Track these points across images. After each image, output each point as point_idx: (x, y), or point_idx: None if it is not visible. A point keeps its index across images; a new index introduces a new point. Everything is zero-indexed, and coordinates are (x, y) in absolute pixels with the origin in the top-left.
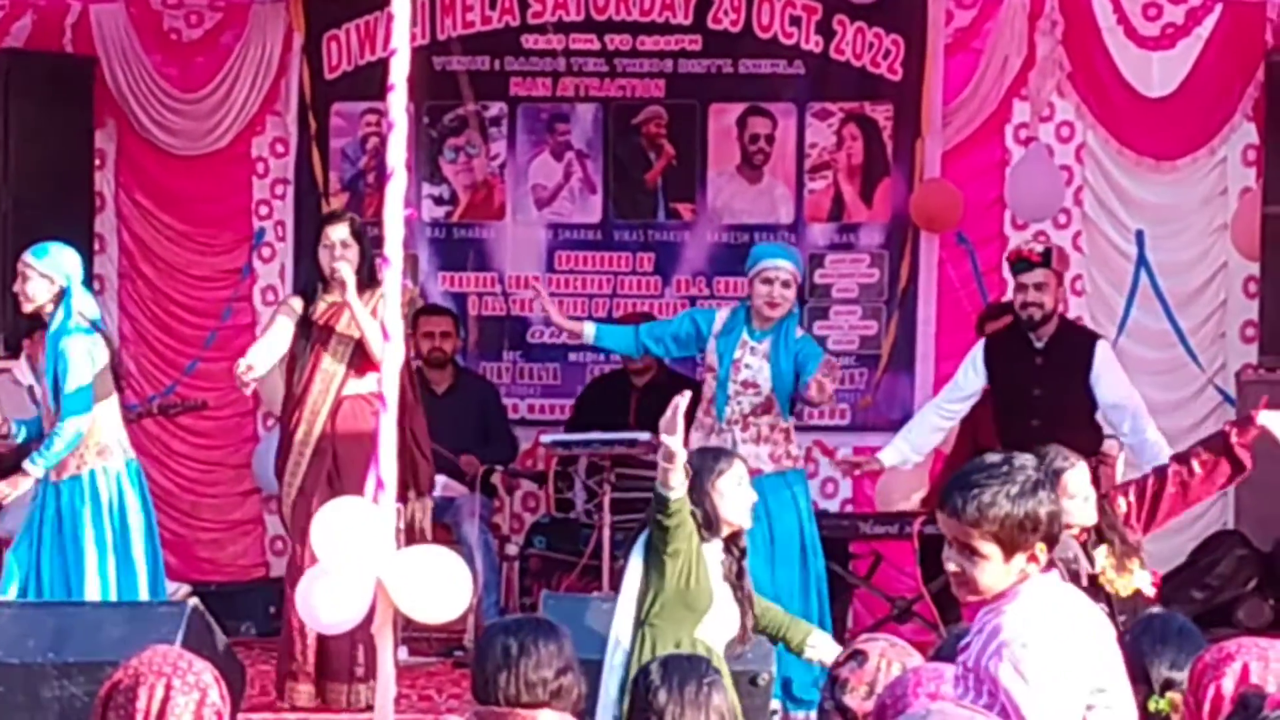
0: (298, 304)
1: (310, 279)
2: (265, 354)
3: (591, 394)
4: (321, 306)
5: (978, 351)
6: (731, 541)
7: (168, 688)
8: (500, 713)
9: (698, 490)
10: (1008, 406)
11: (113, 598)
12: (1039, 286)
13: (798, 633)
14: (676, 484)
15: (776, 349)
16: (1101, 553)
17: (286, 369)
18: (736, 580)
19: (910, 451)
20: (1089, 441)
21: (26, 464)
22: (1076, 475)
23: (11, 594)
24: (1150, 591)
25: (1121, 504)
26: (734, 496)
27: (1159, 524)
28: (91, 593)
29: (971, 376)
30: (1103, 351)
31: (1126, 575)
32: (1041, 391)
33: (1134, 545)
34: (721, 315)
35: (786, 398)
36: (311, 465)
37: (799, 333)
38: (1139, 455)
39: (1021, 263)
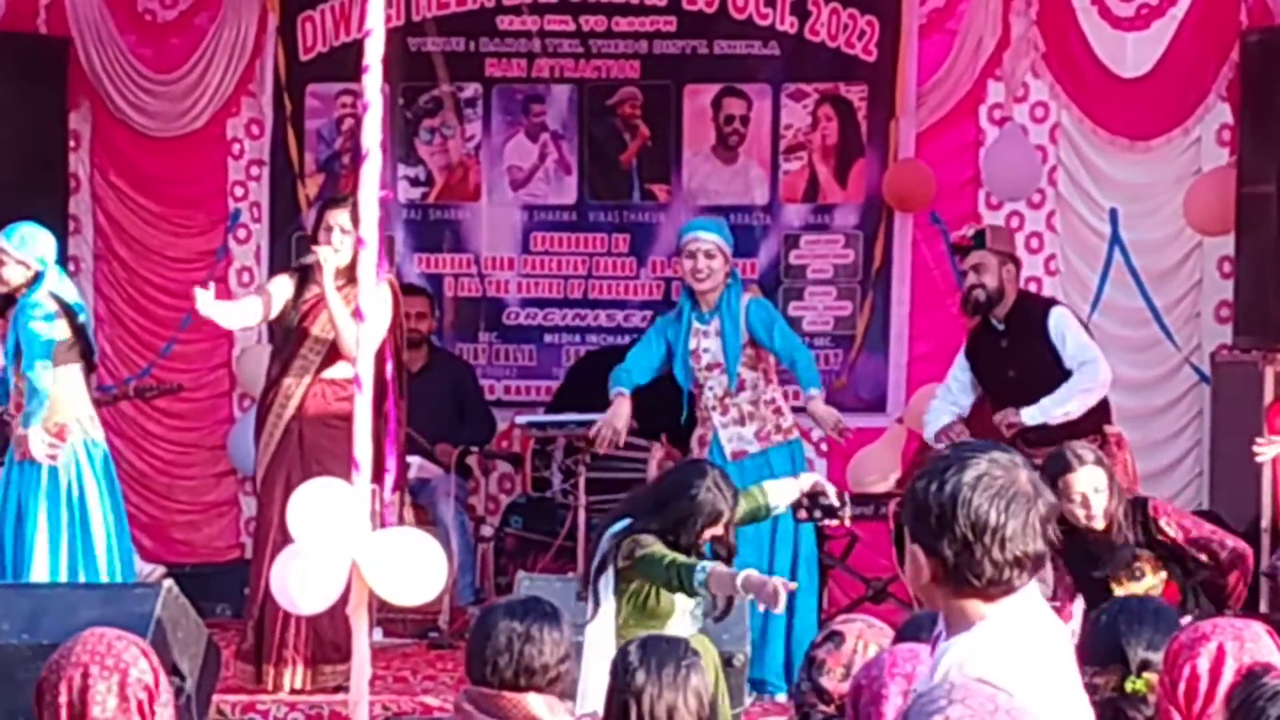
0: (289, 288)
1: (300, 265)
2: (230, 308)
3: (580, 374)
4: (308, 295)
5: (963, 351)
6: (719, 541)
7: (85, 675)
8: (490, 695)
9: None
10: (991, 393)
11: (62, 579)
12: (977, 268)
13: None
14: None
15: (724, 323)
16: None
17: (272, 352)
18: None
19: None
20: (1086, 420)
21: (21, 426)
22: (1081, 477)
23: None
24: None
25: (1171, 529)
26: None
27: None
28: (38, 575)
29: (959, 373)
30: (1055, 318)
31: (1132, 584)
32: (1015, 372)
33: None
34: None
35: (735, 366)
36: (280, 445)
37: (745, 299)
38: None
39: (959, 248)
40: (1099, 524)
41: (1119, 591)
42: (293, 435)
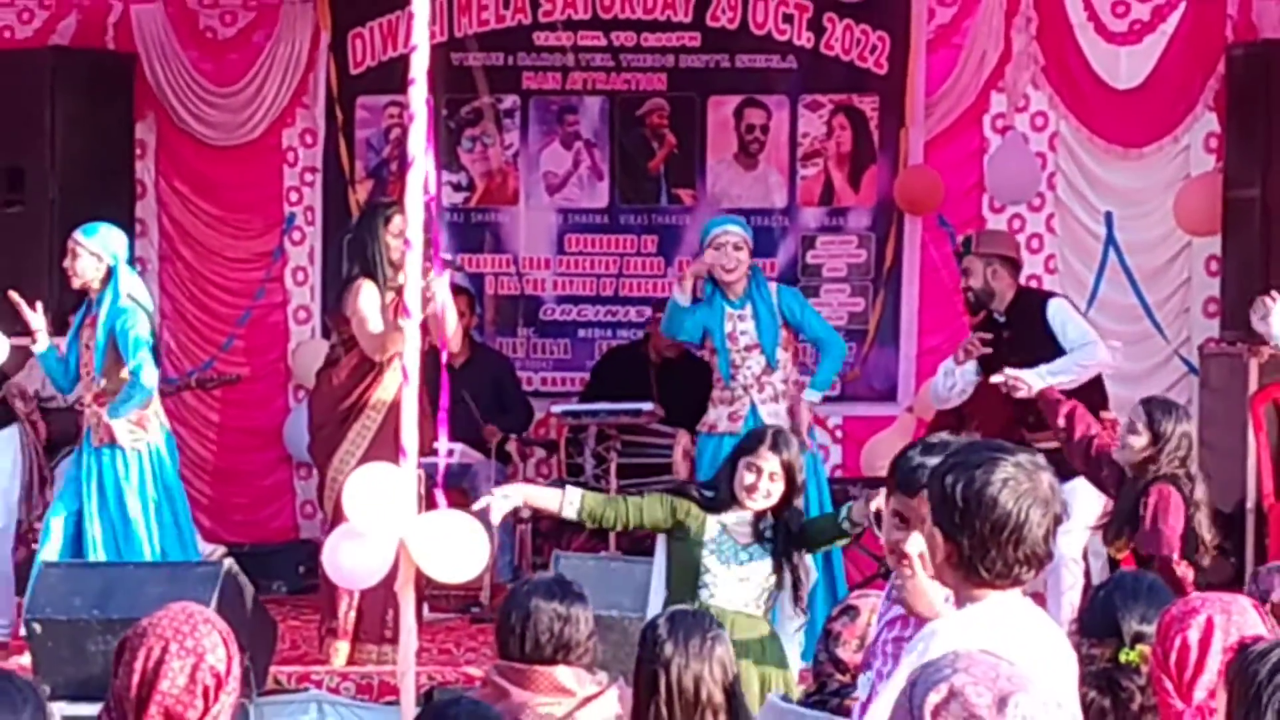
0: (375, 294)
1: (371, 263)
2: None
3: (608, 366)
4: (389, 297)
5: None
6: (776, 513)
7: (164, 650)
8: (521, 669)
9: (728, 461)
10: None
11: (159, 557)
12: (965, 273)
13: (830, 520)
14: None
15: (756, 307)
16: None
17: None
18: (782, 553)
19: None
20: (1090, 407)
21: (107, 416)
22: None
23: (52, 554)
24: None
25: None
26: (744, 480)
27: None
28: (138, 554)
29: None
30: (1054, 308)
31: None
32: (1016, 360)
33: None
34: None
35: (774, 347)
36: (374, 442)
37: (772, 287)
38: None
39: (957, 255)
40: None
41: None
42: (386, 437)
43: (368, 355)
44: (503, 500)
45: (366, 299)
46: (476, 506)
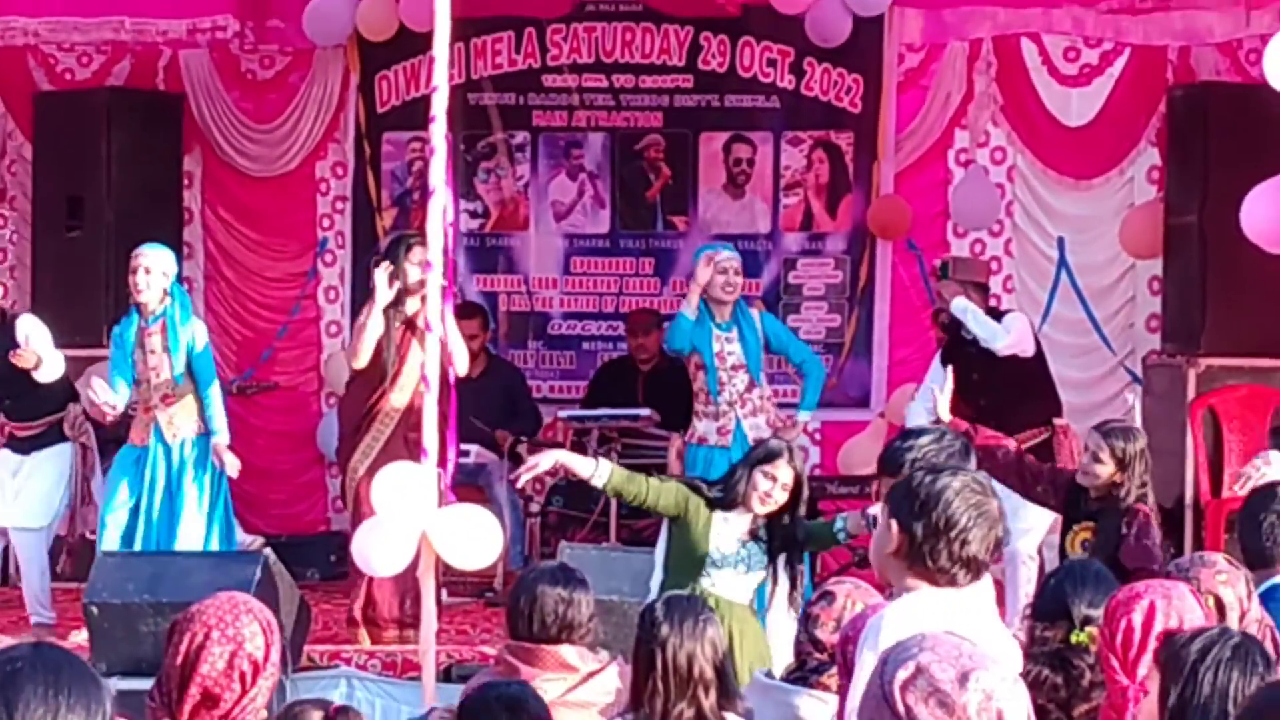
0: (381, 317)
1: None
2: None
3: (604, 376)
4: (407, 311)
5: (937, 357)
6: (777, 517)
7: (206, 635)
8: (530, 648)
9: (742, 466)
10: (960, 392)
11: (213, 545)
12: (940, 295)
13: (827, 529)
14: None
15: (742, 330)
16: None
17: (374, 354)
18: (779, 553)
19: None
20: (1039, 413)
21: (217, 441)
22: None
23: (110, 544)
24: None
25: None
26: (760, 486)
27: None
28: (191, 542)
29: (938, 376)
30: (1007, 318)
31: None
32: (979, 375)
33: None
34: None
35: (759, 367)
36: (386, 445)
37: (754, 312)
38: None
39: (932, 277)
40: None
41: None
42: (397, 441)
43: (377, 369)
44: (539, 459)
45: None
46: (515, 477)
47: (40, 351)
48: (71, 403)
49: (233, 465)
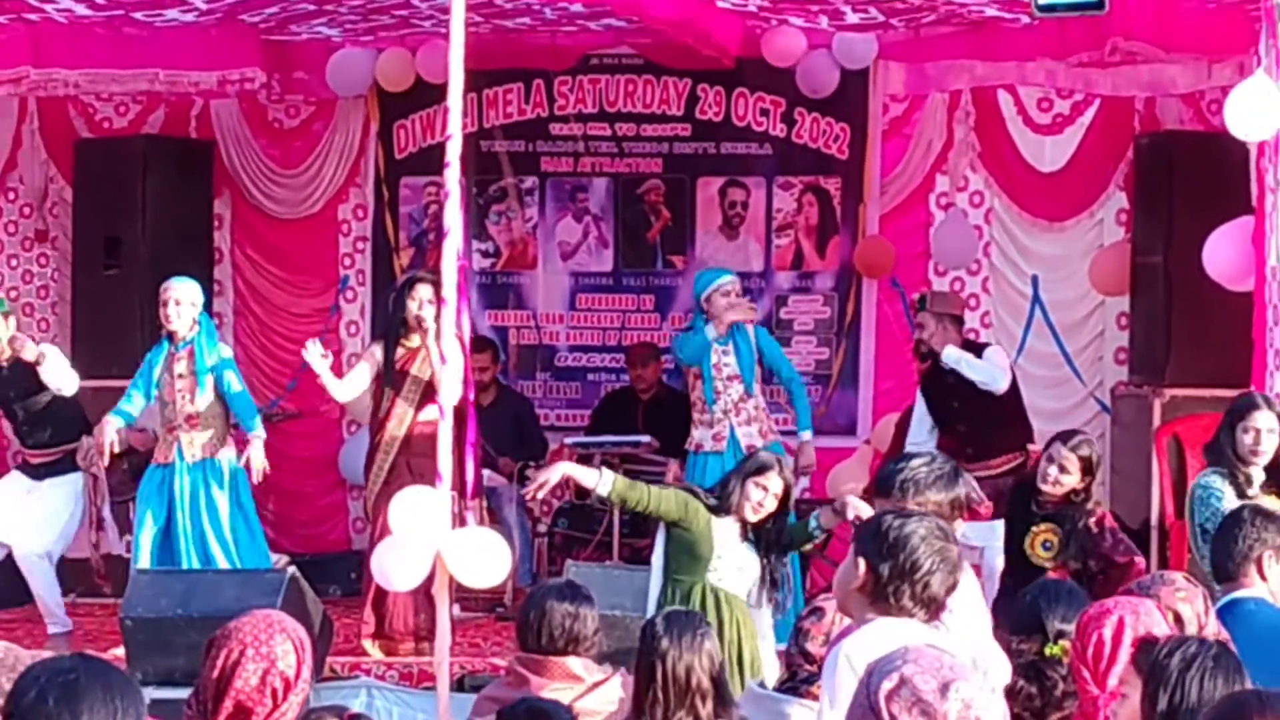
0: (378, 352)
1: (392, 322)
2: (341, 383)
3: (606, 405)
4: (400, 352)
5: (919, 387)
6: (763, 522)
7: (241, 652)
8: (539, 659)
9: (736, 476)
10: (939, 419)
11: (237, 563)
12: (920, 326)
13: (804, 527)
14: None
15: (737, 344)
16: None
17: (374, 397)
18: (765, 556)
19: None
20: (1015, 439)
21: (254, 435)
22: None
23: (143, 563)
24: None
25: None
26: (752, 496)
27: None
28: (221, 558)
29: (923, 411)
30: (989, 353)
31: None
32: (959, 403)
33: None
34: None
35: (752, 378)
36: (390, 472)
37: (750, 327)
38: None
39: (912, 310)
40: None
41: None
42: (401, 465)
43: (377, 405)
44: (548, 474)
45: (364, 357)
46: (526, 493)
47: (54, 365)
48: (85, 435)
49: (259, 466)
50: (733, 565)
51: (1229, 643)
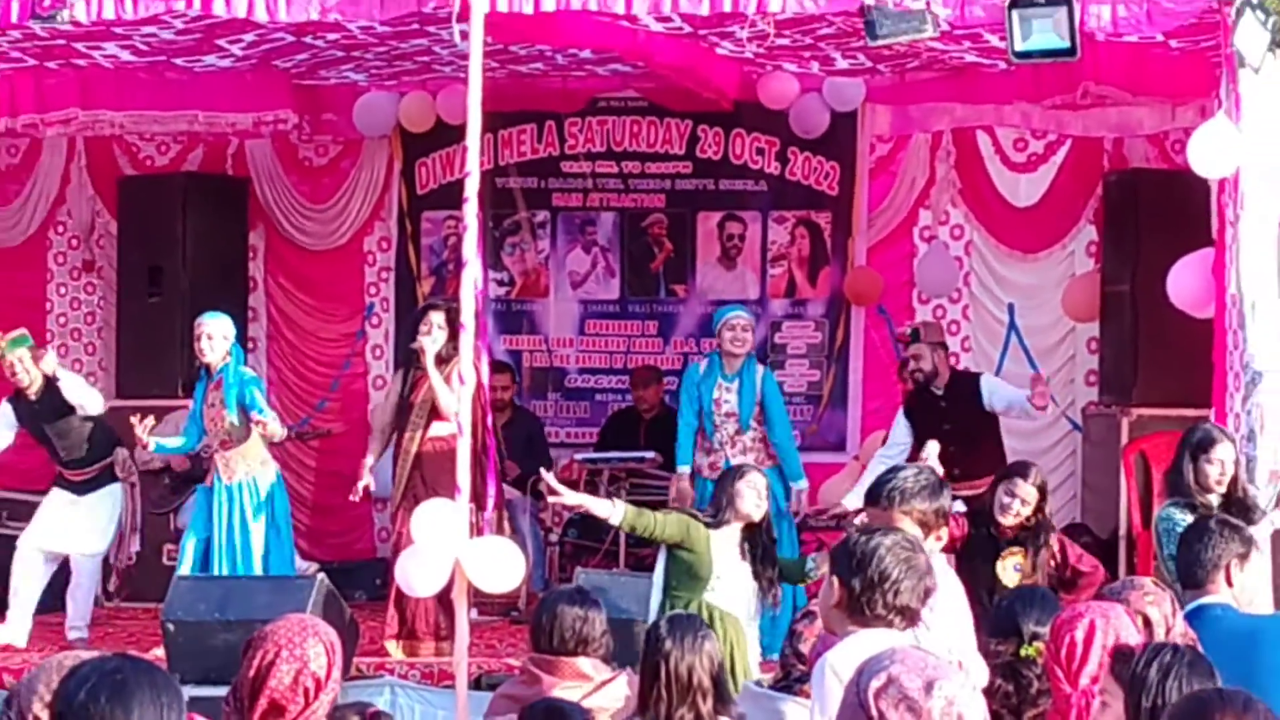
0: (398, 382)
1: (408, 350)
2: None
3: (612, 424)
4: (414, 375)
5: (900, 414)
6: (753, 531)
7: (275, 654)
8: (550, 660)
9: (725, 486)
10: (929, 440)
11: (268, 571)
12: (915, 356)
13: (799, 565)
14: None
15: (743, 384)
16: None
17: (394, 420)
18: (760, 562)
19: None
20: (997, 459)
21: (256, 415)
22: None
23: (185, 570)
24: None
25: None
26: (746, 496)
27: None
28: (252, 568)
29: (901, 432)
30: (986, 381)
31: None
32: (950, 426)
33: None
34: (701, 365)
35: (749, 417)
36: (407, 486)
37: (759, 370)
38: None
39: (902, 341)
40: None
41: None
42: (415, 479)
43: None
44: (569, 497)
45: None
46: (552, 499)
47: (72, 383)
48: (118, 447)
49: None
50: (730, 585)
51: (1198, 644)
